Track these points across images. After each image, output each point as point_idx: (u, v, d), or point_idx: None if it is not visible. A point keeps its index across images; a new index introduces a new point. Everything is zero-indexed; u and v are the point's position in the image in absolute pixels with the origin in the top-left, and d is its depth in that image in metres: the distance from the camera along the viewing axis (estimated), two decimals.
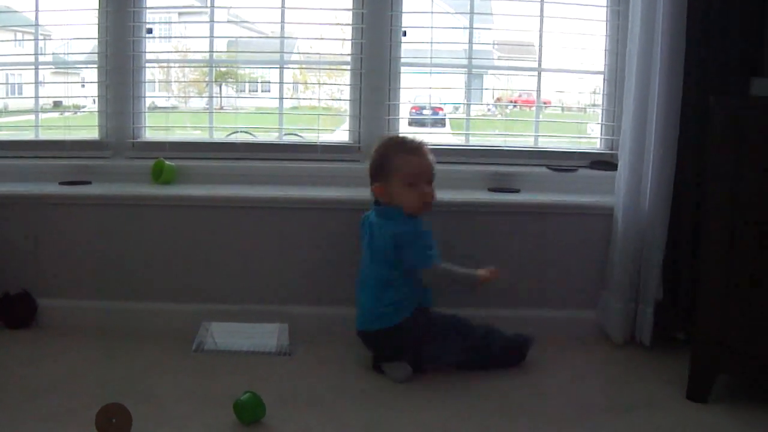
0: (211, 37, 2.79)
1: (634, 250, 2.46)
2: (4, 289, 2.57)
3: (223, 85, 3.07)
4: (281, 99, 2.81)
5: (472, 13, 2.75)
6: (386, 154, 2.31)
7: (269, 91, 3.05)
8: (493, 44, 3.01)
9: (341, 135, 2.90)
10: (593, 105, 2.92)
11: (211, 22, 2.79)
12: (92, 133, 2.82)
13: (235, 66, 3.07)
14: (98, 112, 2.80)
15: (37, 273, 2.60)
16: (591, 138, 2.94)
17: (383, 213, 2.30)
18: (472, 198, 2.62)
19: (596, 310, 2.59)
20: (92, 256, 2.59)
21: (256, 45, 3.09)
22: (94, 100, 2.83)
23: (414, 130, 2.96)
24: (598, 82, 2.81)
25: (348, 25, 2.76)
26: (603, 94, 2.79)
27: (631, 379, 2.28)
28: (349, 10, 2.75)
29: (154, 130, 2.88)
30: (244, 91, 3.15)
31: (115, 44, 2.73)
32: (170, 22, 2.96)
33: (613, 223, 2.52)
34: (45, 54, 2.86)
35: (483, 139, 2.91)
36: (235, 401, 1.92)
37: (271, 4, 2.75)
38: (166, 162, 2.69)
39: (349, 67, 2.79)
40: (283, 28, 2.77)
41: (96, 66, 2.78)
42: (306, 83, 3.08)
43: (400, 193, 2.27)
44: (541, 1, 2.71)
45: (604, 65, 2.77)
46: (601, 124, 2.82)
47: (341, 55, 2.85)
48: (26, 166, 2.76)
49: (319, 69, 3.01)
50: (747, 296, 1.99)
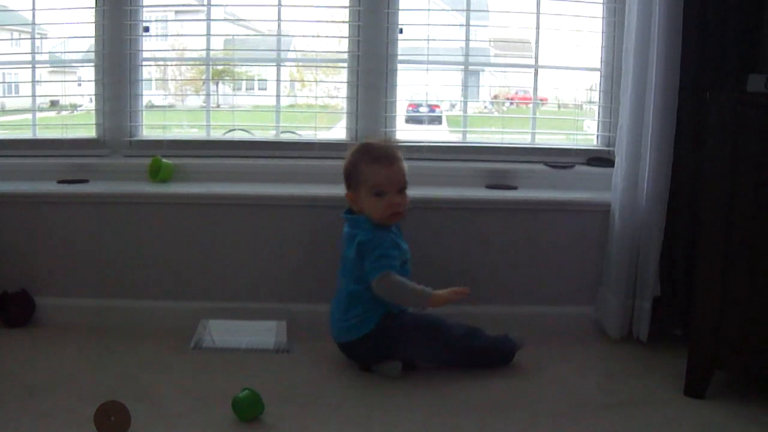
0: (208, 35, 2.78)
1: (631, 246, 2.47)
2: (2, 288, 2.57)
3: (220, 83, 3.07)
4: (278, 97, 2.81)
5: (468, 10, 2.75)
6: (355, 162, 2.27)
7: (266, 89, 3.05)
8: (490, 41, 3.01)
9: (338, 132, 2.90)
10: (590, 102, 2.92)
11: (208, 20, 2.78)
12: (89, 132, 2.82)
13: (232, 64, 3.07)
14: (95, 110, 2.80)
15: (35, 272, 2.60)
16: (588, 135, 2.94)
17: (353, 222, 2.28)
18: (469, 195, 2.62)
19: (593, 306, 2.60)
20: (90, 255, 2.59)
21: (253, 43, 3.09)
22: (91, 99, 2.83)
23: (411, 127, 2.96)
24: (595, 78, 2.81)
25: (345, 22, 2.76)
26: (600, 91, 2.80)
27: (629, 375, 2.28)
28: (345, 7, 2.75)
29: (151, 128, 2.88)
30: (241, 89, 3.15)
31: (112, 42, 2.73)
32: (167, 21, 2.96)
33: (611, 220, 2.52)
34: (42, 53, 2.86)
35: (480, 137, 2.91)
36: (234, 398, 1.92)
37: (268, 2, 2.75)
38: (164, 160, 2.69)
39: (346, 65, 2.79)
40: (279, 26, 2.77)
41: (93, 64, 2.78)
42: (303, 81, 3.08)
43: (368, 203, 2.23)
44: None
45: (601, 62, 2.77)
46: (598, 121, 2.83)
47: (338, 52, 2.86)
48: (24, 164, 2.75)
49: (316, 66, 3.01)
50: (744, 292, 2.00)
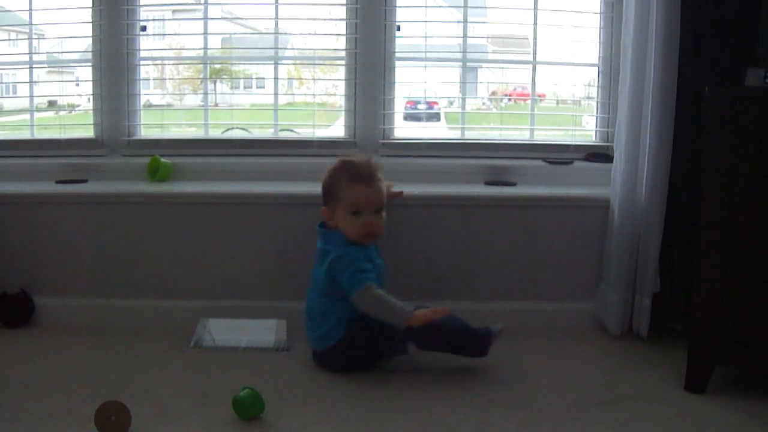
0: (205, 34, 2.78)
1: (630, 241, 2.47)
2: (1, 289, 2.57)
3: (218, 81, 3.06)
4: (276, 95, 2.80)
5: (466, 7, 2.74)
6: (335, 179, 2.26)
7: (264, 88, 3.05)
8: (488, 38, 3.01)
9: (337, 130, 2.90)
10: (588, 97, 2.92)
11: (205, 19, 2.78)
12: (87, 132, 2.82)
13: (230, 63, 3.07)
14: (93, 110, 2.80)
15: (34, 272, 2.59)
16: (586, 131, 2.94)
17: (326, 237, 2.27)
18: (468, 192, 2.62)
19: (593, 302, 2.60)
20: (89, 255, 2.59)
21: (250, 41, 3.09)
22: (89, 99, 2.83)
23: (409, 124, 2.96)
24: (593, 74, 2.81)
25: (342, 20, 2.76)
26: (598, 87, 2.80)
27: (629, 370, 2.28)
28: (342, 5, 2.74)
29: (149, 127, 2.88)
30: (239, 88, 3.16)
31: (109, 42, 2.73)
32: (164, 20, 2.96)
33: (610, 215, 2.52)
34: (39, 53, 2.86)
35: (478, 133, 2.91)
36: (234, 397, 1.92)
37: (265, 0, 2.75)
38: (162, 159, 2.69)
39: (344, 63, 2.79)
40: (277, 24, 2.77)
41: (90, 64, 2.78)
42: (301, 79, 3.08)
43: (343, 221, 2.23)
44: None
45: (599, 57, 2.77)
46: (597, 117, 2.83)
47: (335, 50, 2.85)
48: (22, 165, 2.75)
49: (314, 64, 3.01)
50: (744, 287, 2.00)
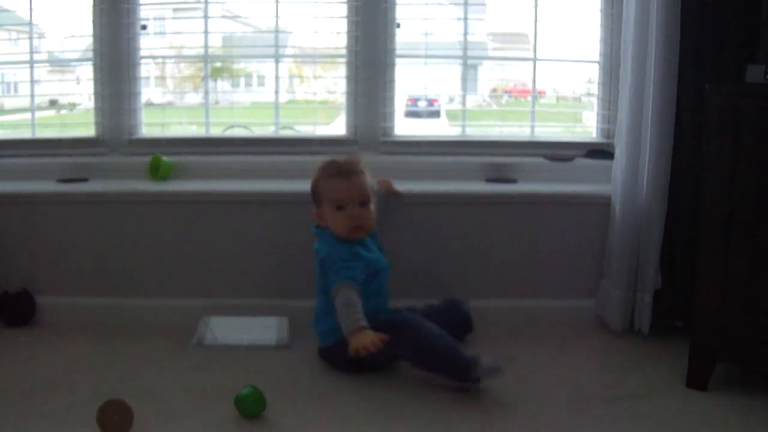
0: (206, 32, 2.78)
1: (631, 238, 2.46)
2: (3, 288, 2.57)
3: (219, 80, 3.06)
4: (277, 93, 2.80)
5: (466, 4, 2.74)
6: (317, 179, 2.29)
7: (264, 86, 3.04)
8: (488, 35, 3.00)
9: (338, 128, 2.89)
10: (589, 94, 2.91)
11: (206, 17, 2.78)
12: (89, 131, 2.82)
13: (230, 61, 3.07)
14: (94, 109, 2.80)
15: (35, 271, 2.60)
16: (587, 127, 2.93)
17: (319, 239, 2.30)
18: (469, 189, 2.62)
19: (594, 299, 2.59)
20: (90, 253, 2.59)
21: (251, 39, 3.09)
22: (90, 98, 2.83)
23: (410, 121, 2.95)
24: (594, 70, 2.80)
25: (342, 17, 2.76)
26: (598, 83, 2.79)
27: (630, 367, 2.28)
28: (343, 2, 2.74)
29: (150, 126, 2.88)
30: (240, 86, 3.15)
31: (110, 41, 2.73)
32: (164, 18, 2.96)
33: (611, 212, 2.52)
34: (40, 52, 2.86)
35: (479, 130, 2.90)
36: (236, 395, 1.92)
37: None
38: (163, 158, 2.69)
39: (344, 60, 2.79)
40: (277, 22, 2.76)
41: (91, 63, 2.78)
42: (301, 77, 3.08)
43: (330, 218, 2.25)
44: None
45: (599, 54, 2.76)
46: (597, 113, 2.82)
47: (336, 48, 2.85)
48: (23, 164, 2.75)
49: (315, 62, 3.00)
50: (745, 284, 2.00)
